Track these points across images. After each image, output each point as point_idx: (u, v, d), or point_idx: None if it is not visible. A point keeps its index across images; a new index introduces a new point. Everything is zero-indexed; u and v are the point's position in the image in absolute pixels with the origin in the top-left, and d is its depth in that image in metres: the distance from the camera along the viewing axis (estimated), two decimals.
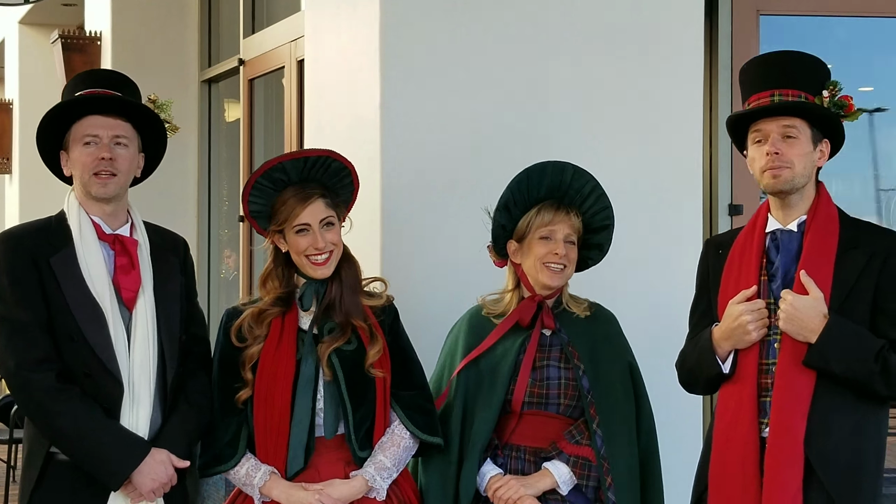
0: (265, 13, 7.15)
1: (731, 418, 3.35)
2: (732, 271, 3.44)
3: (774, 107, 3.35)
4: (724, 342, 3.38)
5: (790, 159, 3.33)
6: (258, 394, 3.50)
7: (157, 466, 3.41)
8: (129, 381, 3.42)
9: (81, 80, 3.62)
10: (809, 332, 3.24)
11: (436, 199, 4.31)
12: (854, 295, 3.29)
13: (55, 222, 3.53)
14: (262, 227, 3.62)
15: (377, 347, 3.52)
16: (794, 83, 3.37)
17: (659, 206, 4.55)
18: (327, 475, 3.49)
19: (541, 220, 3.64)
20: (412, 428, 3.56)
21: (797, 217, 3.40)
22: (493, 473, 3.59)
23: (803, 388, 3.25)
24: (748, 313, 3.32)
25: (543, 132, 4.42)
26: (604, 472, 3.53)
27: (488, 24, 4.41)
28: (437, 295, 4.21)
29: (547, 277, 3.62)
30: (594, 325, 3.69)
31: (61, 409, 3.35)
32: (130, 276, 3.50)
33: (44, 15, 10.71)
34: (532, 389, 3.61)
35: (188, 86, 7.93)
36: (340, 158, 3.58)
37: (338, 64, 4.67)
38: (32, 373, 3.37)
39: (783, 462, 3.23)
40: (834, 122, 3.38)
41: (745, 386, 3.33)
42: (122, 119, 3.52)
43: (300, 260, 3.53)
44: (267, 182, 3.54)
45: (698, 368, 3.47)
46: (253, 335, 3.53)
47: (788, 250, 3.38)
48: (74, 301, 3.41)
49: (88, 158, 3.47)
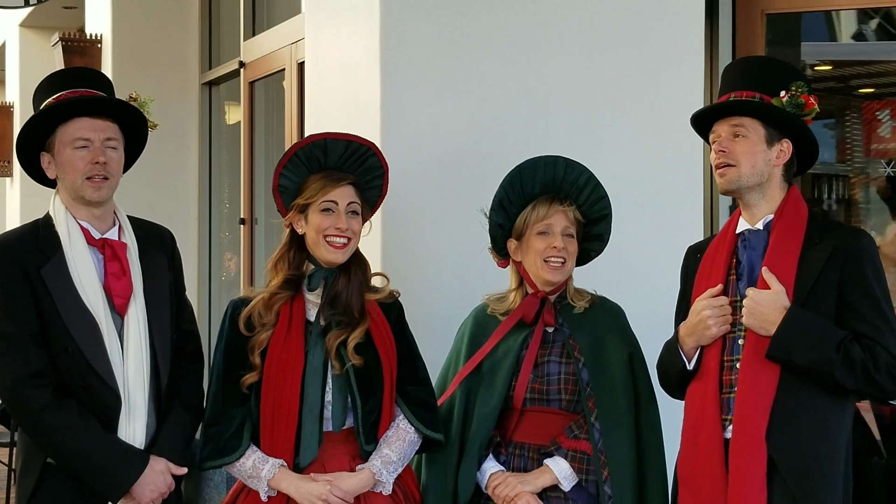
0: (265, 16, 7.15)
1: (696, 416, 3.37)
2: (704, 272, 3.48)
3: (719, 106, 3.42)
4: (688, 338, 3.41)
5: (736, 157, 3.37)
6: (267, 381, 3.47)
7: (156, 476, 3.40)
8: (125, 390, 3.40)
9: (57, 80, 3.56)
10: (770, 324, 3.26)
11: (436, 200, 4.31)
12: (818, 288, 3.29)
13: (42, 227, 3.48)
14: (285, 204, 3.60)
15: (358, 331, 3.48)
16: (750, 85, 3.41)
17: (660, 207, 4.55)
18: (333, 468, 3.48)
19: (536, 216, 3.65)
20: (416, 423, 3.55)
21: (763, 217, 3.42)
22: (493, 470, 3.60)
23: (767, 383, 3.27)
24: (709, 308, 3.35)
25: (544, 134, 4.42)
26: (600, 466, 3.52)
27: (489, 27, 4.41)
28: (438, 295, 4.21)
29: (548, 273, 3.62)
30: (597, 316, 3.69)
31: (59, 426, 3.33)
32: (122, 282, 3.46)
33: (44, 18, 10.71)
34: (533, 385, 3.61)
35: (188, 88, 7.92)
36: (380, 155, 3.61)
37: (338, 66, 4.67)
38: (28, 389, 3.33)
39: (746, 457, 3.24)
40: (788, 120, 3.39)
41: (708, 382, 3.36)
42: (109, 120, 3.49)
43: (318, 240, 3.51)
44: (303, 158, 3.55)
45: (669, 367, 3.50)
46: (262, 322, 3.51)
47: (755, 249, 3.40)
48: (67, 311, 3.37)
49: (81, 163, 3.43)
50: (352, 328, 3.50)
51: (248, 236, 6.98)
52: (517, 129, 4.41)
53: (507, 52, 4.43)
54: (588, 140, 4.47)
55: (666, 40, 4.60)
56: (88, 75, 3.59)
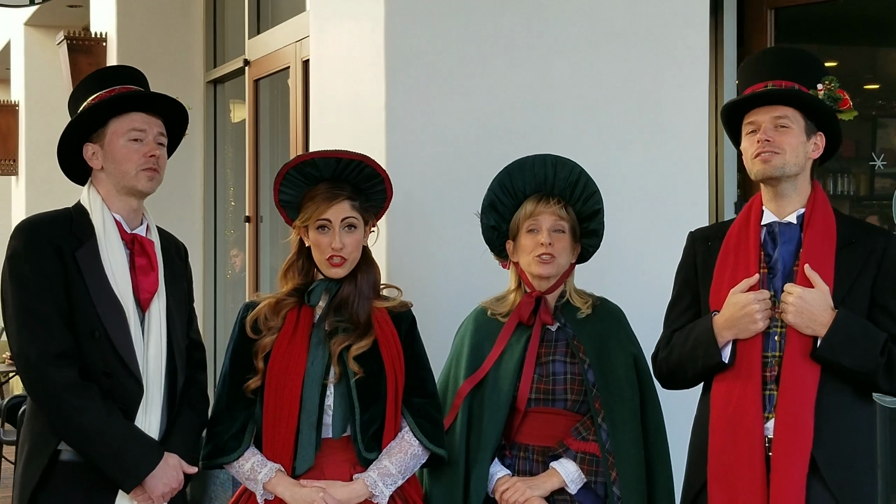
0: (270, 14, 7.15)
1: (733, 412, 3.32)
2: (728, 263, 3.42)
3: (766, 93, 3.35)
4: (727, 331, 3.34)
5: (782, 146, 3.33)
6: (269, 385, 3.49)
7: (169, 471, 3.40)
8: (146, 383, 3.42)
9: (108, 75, 3.61)
10: (819, 325, 3.24)
11: (441, 200, 4.31)
12: (854, 290, 3.30)
13: (76, 214, 3.50)
14: (290, 217, 3.64)
15: (365, 341, 3.49)
16: (788, 74, 3.37)
17: (665, 206, 4.55)
18: (332, 476, 3.48)
19: (524, 214, 3.65)
20: (420, 436, 3.53)
21: (793, 210, 3.39)
22: (500, 475, 3.58)
23: (810, 383, 3.25)
24: (756, 302, 3.30)
25: (549, 133, 4.42)
26: (608, 467, 3.51)
27: (494, 26, 4.41)
28: (442, 297, 4.21)
29: (537, 267, 3.61)
30: (600, 318, 3.68)
31: (83, 406, 3.30)
32: (149, 278, 3.49)
33: (49, 17, 10.72)
34: (538, 385, 3.59)
35: (194, 86, 7.93)
36: (373, 165, 3.59)
37: (343, 64, 4.68)
38: (53, 367, 3.31)
39: (791, 458, 3.22)
40: (828, 113, 3.37)
41: (749, 380, 3.31)
42: (159, 118, 3.55)
43: (318, 257, 3.55)
44: (298, 175, 3.57)
45: (691, 359, 3.42)
46: (267, 326, 3.54)
47: (788, 243, 3.37)
48: (98, 296, 3.38)
49: (136, 154, 3.48)
50: (357, 335, 3.50)
51: (253, 234, 6.99)
52: (522, 127, 4.41)
53: (511, 51, 4.43)
54: (593, 139, 4.47)
55: (670, 38, 4.60)
56: (136, 74, 3.65)
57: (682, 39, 4.62)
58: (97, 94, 3.53)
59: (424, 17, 4.34)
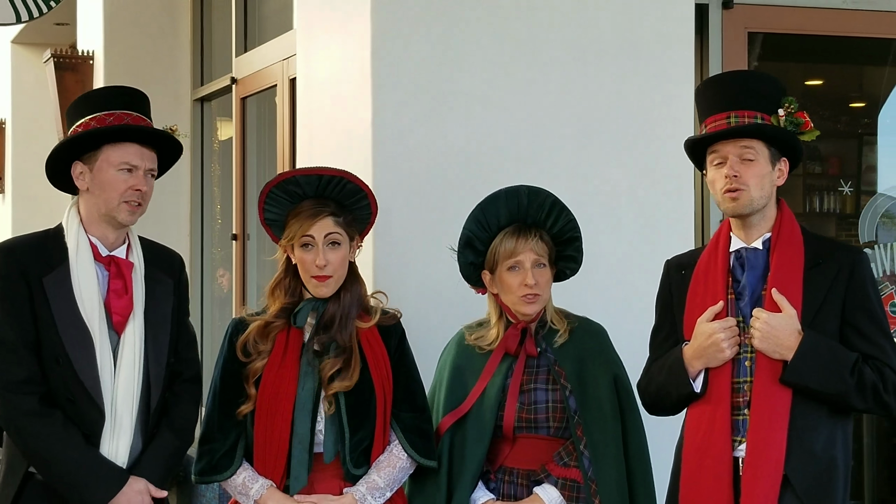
0: (257, 32, 7.16)
1: (702, 438, 3.34)
2: (698, 291, 3.44)
3: (732, 131, 3.36)
4: (696, 361, 3.36)
5: (747, 181, 3.34)
6: (260, 410, 3.50)
7: (133, 496, 3.41)
8: (112, 408, 3.42)
9: (112, 96, 3.60)
10: (785, 349, 3.25)
11: (427, 215, 4.32)
12: (823, 310, 3.31)
13: (52, 238, 3.51)
14: (276, 235, 3.64)
15: (351, 377, 3.48)
16: (750, 104, 3.38)
17: (651, 221, 4.56)
18: (322, 490, 3.49)
19: (504, 252, 3.60)
20: (410, 451, 3.54)
21: (760, 235, 3.42)
22: (484, 499, 3.57)
23: (781, 406, 3.26)
24: (722, 331, 3.32)
25: (534, 148, 4.44)
26: (591, 494, 3.50)
27: (479, 42, 4.43)
28: (429, 311, 4.21)
29: (525, 307, 3.59)
30: (581, 340, 3.65)
31: (41, 433, 3.34)
32: (123, 301, 3.48)
33: (36, 34, 10.71)
34: (521, 414, 3.58)
35: (181, 104, 7.93)
36: (355, 181, 3.58)
37: (330, 82, 4.69)
38: (15, 394, 3.36)
39: (762, 479, 3.23)
40: (791, 141, 3.40)
41: (718, 405, 3.32)
42: (153, 150, 3.55)
43: (304, 275, 3.55)
44: (281, 193, 3.57)
45: (667, 389, 3.45)
46: (257, 350, 3.54)
47: (755, 268, 3.39)
48: (63, 322, 3.40)
49: (123, 185, 3.48)
50: (345, 361, 3.49)
51: (240, 252, 6.98)
52: (509, 144, 4.42)
53: (498, 69, 4.44)
54: (580, 156, 4.48)
55: (656, 55, 4.62)
56: (140, 98, 3.64)
57: (668, 57, 4.64)
58: (96, 114, 3.51)
59: (410, 35, 4.36)
